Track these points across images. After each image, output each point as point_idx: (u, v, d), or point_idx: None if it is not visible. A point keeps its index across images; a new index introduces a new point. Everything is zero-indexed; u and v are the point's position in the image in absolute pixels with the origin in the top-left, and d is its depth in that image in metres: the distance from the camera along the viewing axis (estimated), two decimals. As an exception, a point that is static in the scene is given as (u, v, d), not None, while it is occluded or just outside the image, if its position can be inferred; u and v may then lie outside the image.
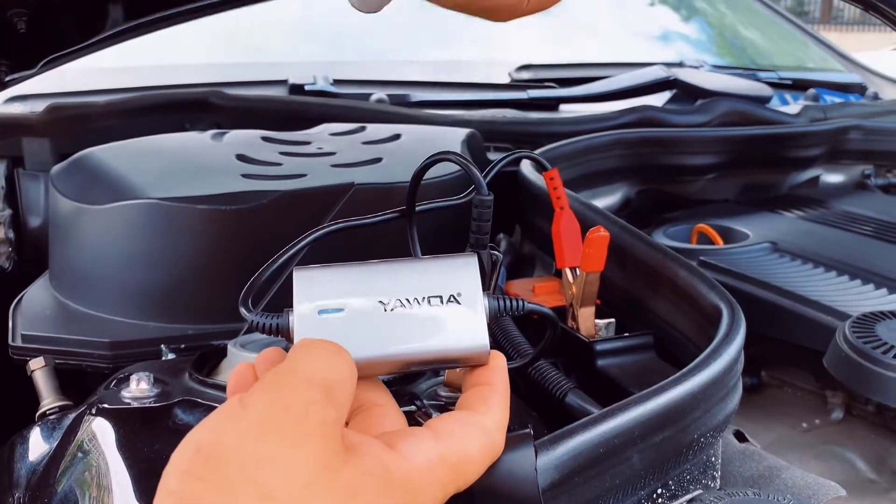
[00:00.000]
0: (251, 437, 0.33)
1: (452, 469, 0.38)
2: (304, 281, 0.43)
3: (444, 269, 0.44)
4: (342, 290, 0.43)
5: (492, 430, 0.40)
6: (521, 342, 0.69)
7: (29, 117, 1.12)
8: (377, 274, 0.44)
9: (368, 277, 0.44)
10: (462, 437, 0.39)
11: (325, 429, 0.34)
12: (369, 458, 0.35)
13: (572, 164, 1.07)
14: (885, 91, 1.85)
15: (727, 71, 1.79)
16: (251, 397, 0.34)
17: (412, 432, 0.38)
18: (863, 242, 1.01)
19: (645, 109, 1.31)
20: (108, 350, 0.72)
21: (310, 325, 0.42)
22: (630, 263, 0.74)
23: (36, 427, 0.65)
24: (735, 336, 0.56)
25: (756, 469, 0.62)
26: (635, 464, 0.48)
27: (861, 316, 0.74)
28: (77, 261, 0.80)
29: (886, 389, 0.68)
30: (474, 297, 0.43)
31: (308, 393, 0.34)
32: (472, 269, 0.44)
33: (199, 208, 0.74)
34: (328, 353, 0.37)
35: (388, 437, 0.38)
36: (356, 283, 0.43)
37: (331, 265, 0.44)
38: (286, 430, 0.33)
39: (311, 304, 0.42)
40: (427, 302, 0.43)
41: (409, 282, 0.43)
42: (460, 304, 0.43)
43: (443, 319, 0.43)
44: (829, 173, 1.34)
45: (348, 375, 0.37)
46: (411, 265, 0.45)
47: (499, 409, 0.41)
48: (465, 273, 0.44)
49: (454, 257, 0.45)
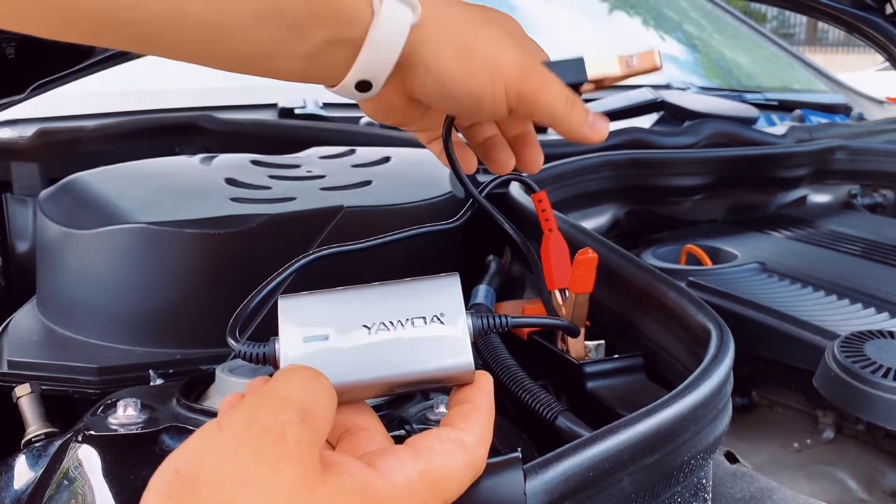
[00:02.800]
0: (229, 458, 0.33)
1: (432, 486, 0.38)
2: (289, 309, 0.43)
3: (427, 290, 0.44)
4: (327, 317, 0.43)
5: (473, 447, 0.40)
6: (512, 364, 0.69)
7: (18, 142, 1.12)
8: (361, 298, 0.44)
9: (352, 302, 0.44)
10: (442, 455, 0.38)
11: (301, 449, 0.34)
12: (347, 476, 0.35)
13: (561, 186, 1.08)
14: (869, 111, 1.87)
15: (714, 93, 1.81)
16: (228, 419, 0.35)
17: (392, 450, 0.38)
18: (850, 262, 1.02)
19: (633, 131, 1.32)
20: (96, 376, 0.72)
21: (295, 352, 0.42)
22: (619, 285, 0.74)
23: (21, 455, 0.64)
24: (724, 357, 0.56)
25: (747, 490, 0.62)
26: (626, 487, 0.47)
27: (850, 335, 0.74)
28: (65, 286, 0.80)
29: (876, 409, 0.68)
30: (457, 316, 0.44)
31: (284, 414, 0.35)
32: (455, 289, 0.45)
33: (188, 232, 0.74)
34: (306, 377, 0.38)
35: (367, 456, 0.38)
36: (340, 308, 0.44)
37: (315, 292, 0.44)
38: (263, 450, 0.33)
39: (297, 331, 0.43)
40: (411, 323, 0.43)
41: (392, 304, 0.44)
42: (444, 323, 0.43)
43: (427, 340, 0.43)
44: (815, 193, 1.35)
45: (327, 399, 0.38)
46: (394, 288, 0.45)
47: (480, 425, 0.41)
48: (448, 293, 0.44)
49: (436, 278, 0.45)
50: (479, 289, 0.83)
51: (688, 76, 1.96)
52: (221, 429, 0.34)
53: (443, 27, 0.50)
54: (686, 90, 1.74)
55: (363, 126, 1.32)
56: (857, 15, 1.19)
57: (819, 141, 1.40)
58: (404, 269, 0.81)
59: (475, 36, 0.50)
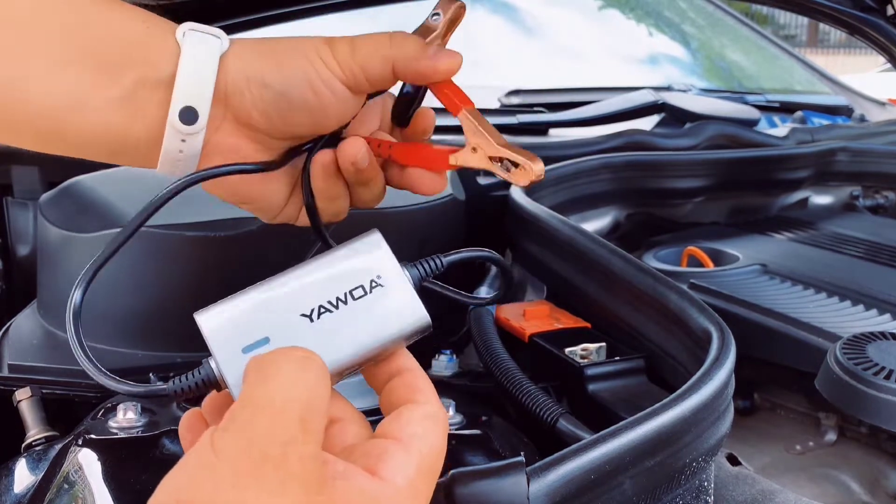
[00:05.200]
0: (229, 487, 0.31)
1: (428, 474, 0.38)
2: (212, 323, 0.40)
3: (353, 256, 0.42)
4: (257, 318, 0.40)
5: (440, 415, 0.40)
6: (512, 367, 0.69)
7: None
8: (286, 288, 0.41)
9: (279, 295, 0.41)
10: (424, 437, 0.38)
11: (304, 466, 0.33)
12: (355, 493, 0.35)
13: (562, 188, 1.08)
14: (871, 113, 1.87)
15: (715, 94, 1.81)
16: (223, 442, 0.33)
17: (385, 451, 0.37)
18: (852, 264, 1.02)
19: (634, 133, 1.32)
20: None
21: (238, 365, 0.39)
22: (620, 287, 0.74)
23: (22, 458, 0.64)
24: (725, 359, 0.56)
25: (749, 493, 0.62)
26: (627, 490, 0.47)
27: (852, 337, 0.74)
28: (65, 289, 0.79)
29: (879, 411, 0.68)
30: (395, 273, 0.42)
31: (284, 431, 0.33)
32: (381, 245, 0.43)
33: (188, 235, 0.74)
34: (299, 367, 0.36)
35: (365, 460, 0.37)
36: (269, 305, 0.41)
37: (231, 298, 0.41)
38: (264, 476, 0.32)
39: (231, 344, 0.40)
40: (351, 297, 0.41)
41: (323, 283, 0.41)
42: (384, 286, 0.42)
43: (374, 308, 0.41)
44: (817, 195, 1.35)
45: (323, 386, 0.36)
46: (317, 265, 0.42)
47: (429, 388, 0.41)
48: (376, 252, 0.42)
49: (357, 240, 0.43)
50: (481, 291, 0.83)
51: (689, 78, 1.96)
52: (217, 455, 0.32)
53: (251, 44, 0.49)
54: (687, 92, 1.74)
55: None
56: (858, 16, 1.19)
57: (820, 143, 1.40)
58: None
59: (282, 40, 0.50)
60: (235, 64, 0.48)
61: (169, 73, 0.47)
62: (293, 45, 0.49)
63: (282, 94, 0.48)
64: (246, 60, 0.49)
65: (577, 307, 0.81)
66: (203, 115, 0.48)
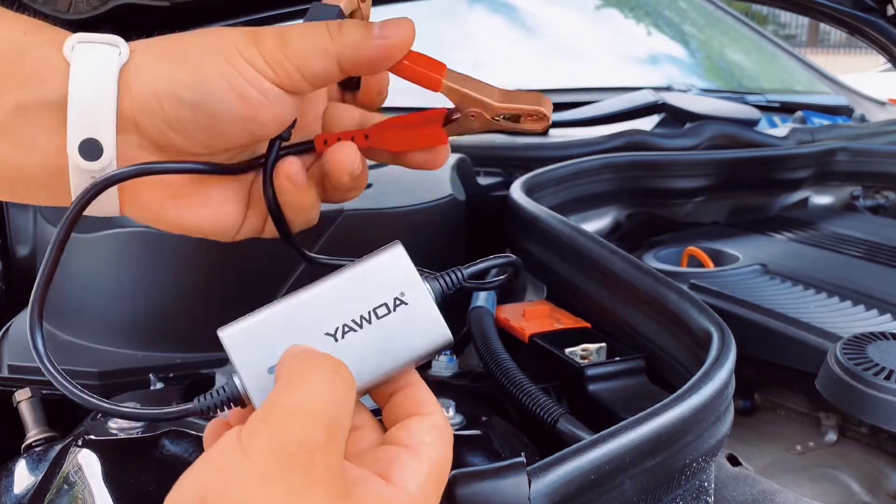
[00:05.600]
0: (257, 488, 0.32)
1: (438, 480, 0.38)
2: (236, 340, 0.40)
3: (376, 272, 0.41)
4: (282, 336, 0.39)
5: (447, 427, 0.40)
6: (513, 368, 0.69)
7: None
8: (311, 305, 0.40)
9: (304, 312, 0.40)
10: (433, 446, 0.39)
11: (330, 473, 0.33)
12: (373, 497, 0.35)
13: (562, 189, 1.08)
14: (871, 113, 1.87)
15: (715, 94, 1.81)
16: (253, 442, 0.33)
17: (396, 458, 0.38)
18: (852, 264, 1.02)
19: (634, 133, 1.32)
20: (96, 380, 0.72)
21: (264, 386, 0.39)
22: (620, 287, 0.74)
23: (21, 459, 0.64)
24: (725, 360, 0.56)
25: (750, 493, 0.62)
26: (627, 490, 0.47)
27: (852, 337, 0.74)
28: (65, 290, 0.80)
29: (879, 411, 0.68)
30: (418, 290, 0.41)
31: (312, 437, 0.33)
32: (404, 261, 0.42)
33: (187, 236, 0.74)
34: (329, 377, 0.36)
35: (377, 465, 0.37)
36: (293, 323, 0.40)
37: (255, 314, 0.40)
38: (293, 480, 0.32)
39: (256, 362, 0.39)
40: (375, 316, 0.41)
41: (347, 301, 0.40)
42: (407, 304, 0.41)
43: (398, 328, 0.41)
44: (817, 195, 1.35)
45: (350, 398, 0.36)
46: (341, 281, 0.41)
47: (435, 402, 0.41)
48: (399, 267, 0.41)
49: (379, 254, 0.42)
50: (480, 292, 0.83)
51: (689, 78, 1.96)
52: (247, 454, 0.33)
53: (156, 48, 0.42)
54: (687, 92, 1.74)
55: (364, 129, 1.32)
56: (858, 16, 1.19)
57: (821, 142, 1.40)
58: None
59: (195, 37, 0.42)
60: (139, 77, 0.40)
61: (57, 95, 0.40)
62: (208, 44, 0.41)
63: (200, 106, 0.41)
64: (152, 71, 0.41)
65: (577, 307, 0.81)
66: (108, 146, 0.40)
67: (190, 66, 0.40)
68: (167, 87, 0.40)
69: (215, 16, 1.07)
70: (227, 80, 0.41)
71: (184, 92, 0.40)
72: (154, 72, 0.41)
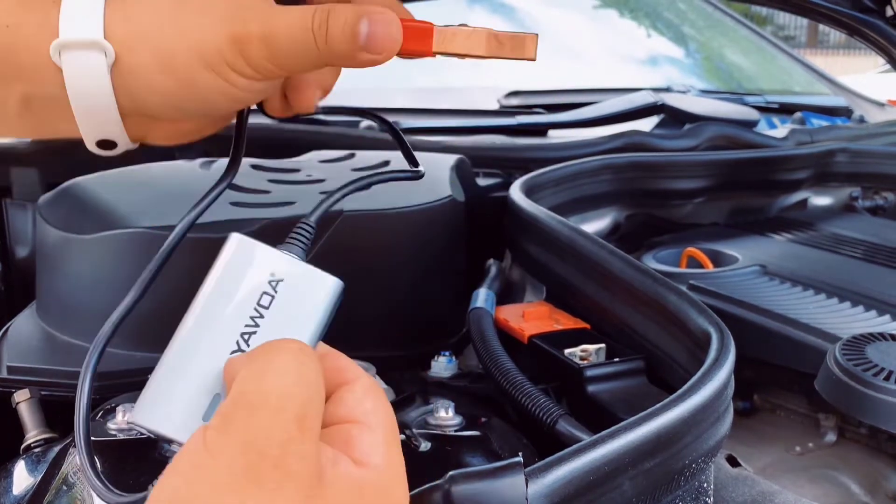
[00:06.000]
0: (226, 489, 0.31)
1: (394, 443, 0.37)
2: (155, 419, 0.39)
3: (237, 271, 0.41)
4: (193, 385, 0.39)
5: (376, 384, 0.39)
6: (512, 369, 0.69)
7: (17, 147, 1.12)
8: (198, 341, 0.40)
9: (196, 352, 0.39)
10: (376, 410, 0.37)
11: (303, 464, 0.32)
12: (343, 479, 0.34)
13: (561, 189, 1.08)
14: (870, 114, 1.87)
15: (714, 95, 1.81)
16: (219, 442, 0.32)
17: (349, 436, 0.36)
18: (852, 265, 1.02)
19: (633, 134, 1.32)
20: (95, 381, 0.71)
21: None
22: (619, 288, 0.74)
23: (20, 460, 0.64)
24: (725, 360, 0.56)
25: (749, 494, 0.62)
26: (626, 491, 0.47)
27: (851, 338, 0.74)
28: (64, 291, 0.79)
29: (878, 412, 0.68)
30: (283, 261, 0.41)
31: (282, 430, 0.32)
32: (255, 247, 0.42)
33: (188, 237, 0.74)
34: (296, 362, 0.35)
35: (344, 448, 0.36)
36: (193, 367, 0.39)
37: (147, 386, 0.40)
38: (262, 476, 0.31)
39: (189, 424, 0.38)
40: (263, 308, 0.40)
41: (230, 315, 0.40)
42: (283, 279, 0.41)
43: (291, 302, 0.41)
44: (816, 196, 1.35)
45: (320, 382, 0.35)
46: (209, 301, 0.41)
47: (354, 365, 0.40)
48: (252, 253, 0.42)
49: (226, 253, 0.42)
50: (479, 292, 0.83)
51: (688, 79, 1.96)
52: (212, 455, 0.32)
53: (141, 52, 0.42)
54: (686, 93, 1.74)
55: (363, 130, 1.32)
56: (857, 17, 1.19)
57: (820, 143, 1.40)
58: (404, 273, 0.82)
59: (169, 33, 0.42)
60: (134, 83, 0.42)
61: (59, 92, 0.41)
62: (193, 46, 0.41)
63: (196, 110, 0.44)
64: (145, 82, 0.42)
65: (576, 308, 0.81)
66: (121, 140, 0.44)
67: (181, 79, 0.42)
68: (162, 99, 0.43)
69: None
70: (219, 91, 0.43)
71: (180, 103, 0.43)
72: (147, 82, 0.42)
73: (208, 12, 0.41)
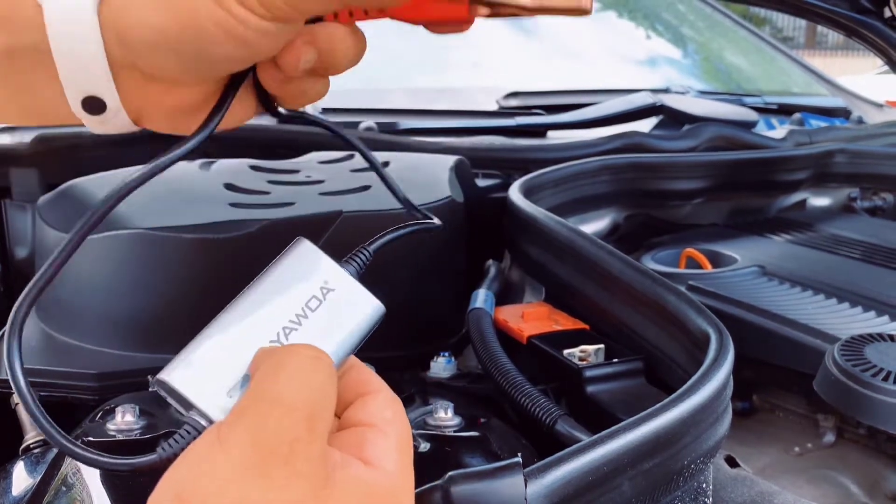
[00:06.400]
0: (234, 482, 0.31)
1: (408, 453, 0.38)
2: (183, 380, 0.39)
3: (295, 271, 0.43)
4: (227, 360, 0.40)
5: (397, 399, 0.40)
6: (511, 369, 0.69)
7: (17, 147, 1.11)
8: (243, 322, 0.41)
9: (239, 330, 0.41)
10: (394, 420, 0.39)
11: (311, 465, 0.33)
12: (352, 482, 0.35)
13: (560, 190, 1.08)
14: (869, 115, 1.87)
15: (713, 96, 1.81)
16: (230, 434, 0.33)
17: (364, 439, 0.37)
18: (851, 265, 1.02)
19: (632, 135, 1.32)
20: (95, 382, 0.72)
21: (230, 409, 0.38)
22: (618, 289, 0.74)
23: (19, 461, 0.64)
24: (723, 361, 0.56)
25: (748, 494, 0.62)
26: (625, 491, 0.47)
27: (850, 339, 0.74)
28: (63, 292, 0.79)
29: (877, 412, 0.68)
30: (337, 274, 0.44)
31: (292, 429, 0.33)
32: (316, 253, 0.44)
33: (187, 237, 0.74)
34: (309, 367, 0.36)
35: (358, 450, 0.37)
36: (232, 343, 0.40)
37: (187, 349, 0.41)
38: (271, 473, 0.32)
39: (212, 392, 0.39)
40: (309, 309, 0.42)
41: (277, 307, 0.42)
42: (334, 289, 0.43)
43: (334, 312, 0.43)
44: (815, 197, 1.35)
45: (331, 387, 0.36)
46: (263, 290, 0.43)
47: (379, 379, 0.41)
48: (314, 259, 0.44)
49: (289, 253, 0.44)
50: (479, 293, 0.83)
51: (687, 80, 1.96)
52: (224, 447, 0.32)
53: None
54: (685, 94, 1.74)
55: (363, 131, 1.32)
56: (855, 18, 1.19)
57: (819, 144, 1.40)
58: (404, 274, 0.82)
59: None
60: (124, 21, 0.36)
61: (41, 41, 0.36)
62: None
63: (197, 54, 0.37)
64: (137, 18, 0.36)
65: (575, 309, 0.81)
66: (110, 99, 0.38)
67: (178, 14, 0.36)
68: (158, 38, 0.36)
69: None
70: (221, 26, 0.36)
71: (178, 45, 0.36)
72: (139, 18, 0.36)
73: None
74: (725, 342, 0.58)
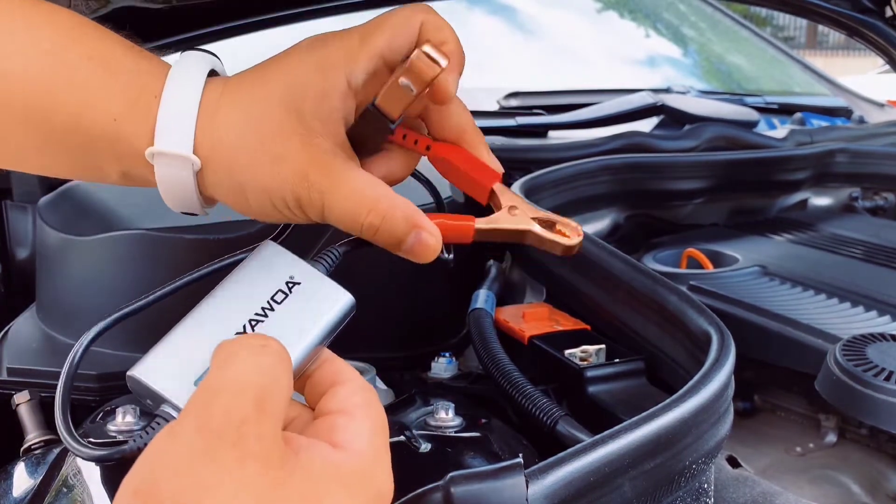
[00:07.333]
0: (185, 470, 0.31)
1: (382, 435, 0.38)
2: (152, 373, 0.41)
3: (260, 267, 0.45)
4: (195, 351, 0.41)
5: (371, 388, 0.41)
6: (512, 370, 0.69)
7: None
8: (210, 316, 0.43)
9: (206, 324, 0.42)
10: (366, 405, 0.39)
11: (263, 444, 0.33)
12: (317, 460, 0.35)
13: (561, 190, 1.08)
14: (870, 114, 1.87)
15: (714, 96, 1.81)
16: (179, 426, 0.33)
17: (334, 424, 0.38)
18: (852, 265, 1.02)
19: (633, 135, 1.32)
20: (95, 383, 0.72)
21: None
22: (620, 289, 0.74)
23: (20, 462, 0.64)
24: (725, 361, 0.56)
25: (750, 495, 0.62)
26: (627, 492, 0.47)
27: (851, 339, 0.74)
28: (64, 292, 0.79)
29: (879, 412, 0.68)
30: (304, 268, 0.45)
31: (238, 411, 0.33)
32: (281, 252, 0.45)
33: (187, 238, 0.74)
34: (256, 352, 0.36)
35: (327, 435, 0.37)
36: (199, 336, 0.41)
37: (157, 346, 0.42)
38: (220, 455, 0.32)
39: (182, 384, 0.40)
40: (275, 302, 0.43)
41: (244, 300, 0.43)
42: (301, 283, 0.44)
43: (302, 304, 0.43)
44: (816, 196, 1.35)
45: (282, 370, 0.36)
46: (229, 287, 0.44)
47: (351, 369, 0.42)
48: (277, 256, 0.45)
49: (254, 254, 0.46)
50: (480, 293, 0.83)
51: (688, 80, 1.96)
52: (173, 437, 0.33)
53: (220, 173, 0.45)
54: (686, 94, 1.74)
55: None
56: (856, 18, 1.19)
57: (820, 144, 1.40)
58: (404, 275, 0.82)
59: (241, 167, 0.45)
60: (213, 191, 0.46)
61: (150, 177, 0.46)
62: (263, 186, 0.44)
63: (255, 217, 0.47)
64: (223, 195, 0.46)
65: (576, 309, 0.81)
66: (201, 212, 0.48)
67: (251, 206, 0.46)
68: (233, 205, 0.46)
69: (215, 18, 1.07)
70: (277, 217, 0.46)
71: (246, 213, 0.47)
72: (222, 194, 0.46)
73: (285, 160, 0.44)
74: (727, 342, 0.58)
